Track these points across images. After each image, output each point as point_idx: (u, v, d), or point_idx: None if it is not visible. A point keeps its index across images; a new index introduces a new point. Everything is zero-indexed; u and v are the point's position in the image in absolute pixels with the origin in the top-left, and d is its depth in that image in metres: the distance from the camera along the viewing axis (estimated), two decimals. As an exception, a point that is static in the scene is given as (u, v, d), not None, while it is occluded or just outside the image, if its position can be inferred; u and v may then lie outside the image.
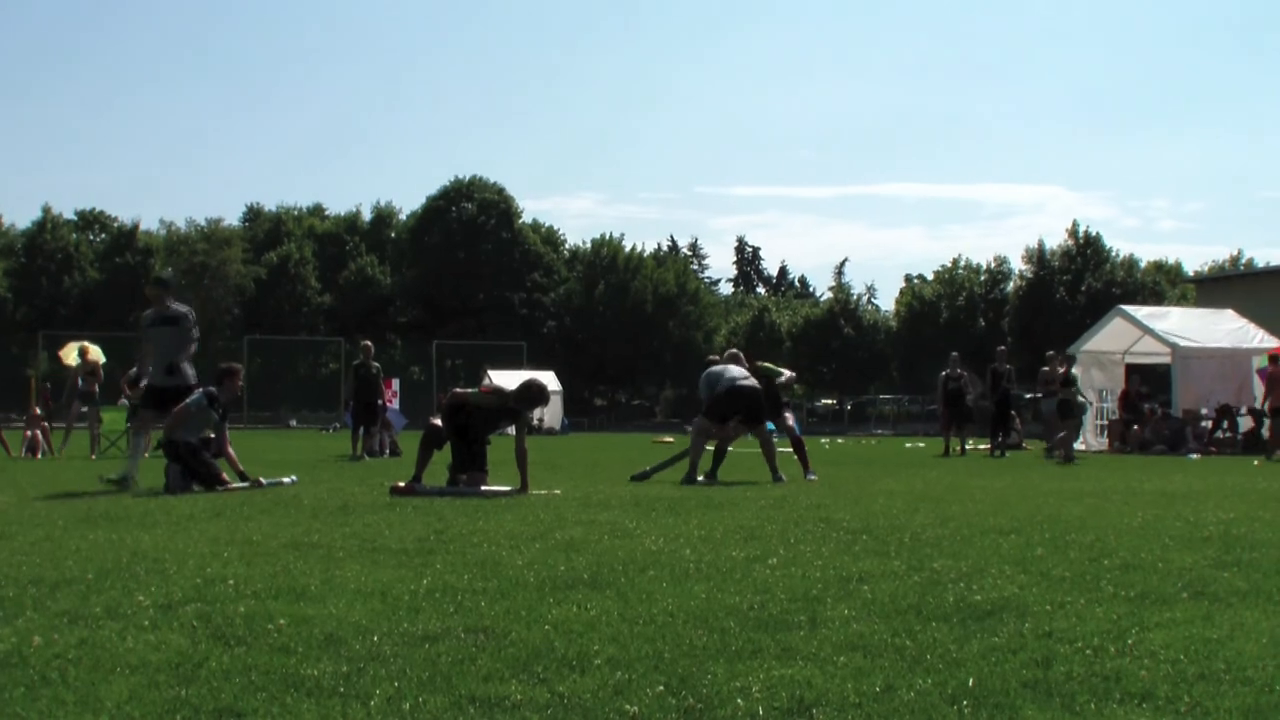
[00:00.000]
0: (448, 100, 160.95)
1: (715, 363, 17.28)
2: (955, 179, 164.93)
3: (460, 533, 9.26)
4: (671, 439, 41.08)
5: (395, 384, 55.00)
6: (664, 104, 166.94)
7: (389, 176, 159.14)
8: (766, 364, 18.15)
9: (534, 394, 14.55)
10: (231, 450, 15.34)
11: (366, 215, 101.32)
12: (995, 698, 4.25)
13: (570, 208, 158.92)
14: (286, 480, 15.28)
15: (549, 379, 58.34)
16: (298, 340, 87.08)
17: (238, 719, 4.03)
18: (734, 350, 18.20)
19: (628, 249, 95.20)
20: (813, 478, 16.51)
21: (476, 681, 4.49)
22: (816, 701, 4.19)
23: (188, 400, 14.95)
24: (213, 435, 15.12)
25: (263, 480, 14.92)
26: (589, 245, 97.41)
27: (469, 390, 15.03)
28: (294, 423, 71.66)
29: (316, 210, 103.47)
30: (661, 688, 4.38)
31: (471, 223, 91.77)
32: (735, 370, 16.70)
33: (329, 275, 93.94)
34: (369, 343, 27.71)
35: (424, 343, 79.20)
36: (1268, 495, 14.01)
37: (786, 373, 17.90)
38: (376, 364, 27.10)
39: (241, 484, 14.64)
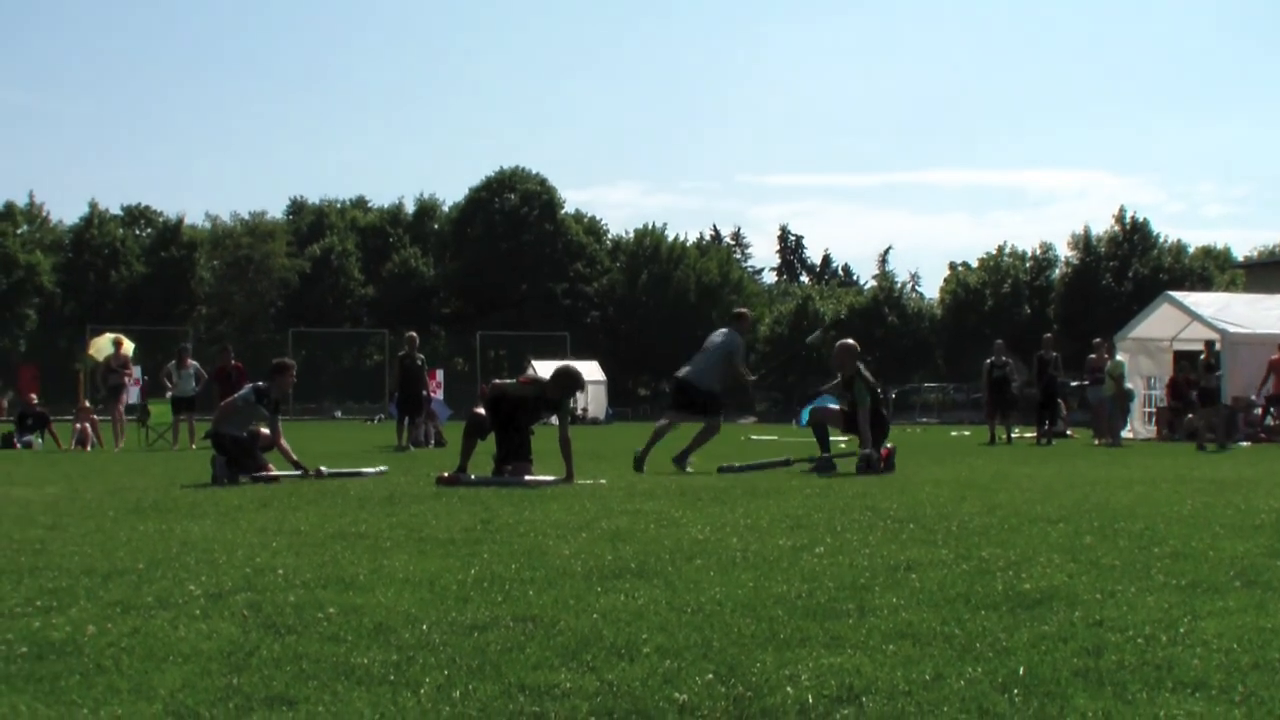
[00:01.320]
0: (490, 91, 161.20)
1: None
2: (999, 165, 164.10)
3: (507, 522, 9.29)
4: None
5: (439, 375, 55.19)
6: (704, 93, 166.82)
7: (432, 168, 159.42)
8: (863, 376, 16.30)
9: (567, 380, 14.53)
10: (285, 443, 15.48)
11: (409, 207, 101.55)
12: (1046, 686, 4.23)
13: (612, 198, 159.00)
14: (371, 471, 15.54)
15: (592, 369, 58.42)
16: (341, 332, 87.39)
17: (290, 707, 4.04)
18: (739, 310, 18.34)
19: (670, 239, 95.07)
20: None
21: (526, 670, 4.49)
22: (866, 690, 4.18)
23: (235, 395, 15.12)
24: (264, 429, 15.25)
25: (324, 469, 15.08)
26: (631, 235, 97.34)
27: (508, 381, 15.08)
28: (339, 414, 71.96)
29: (359, 202, 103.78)
30: (710, 676, 4.38)
31: (514, 213, 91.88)
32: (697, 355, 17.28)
33: (372, 267, 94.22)
34: (414, 334, 27.74)
35: (467, 334, 79.32)
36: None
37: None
38: (421, 355, 27.17)
39: (295, 472, 14.85)
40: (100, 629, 5.23)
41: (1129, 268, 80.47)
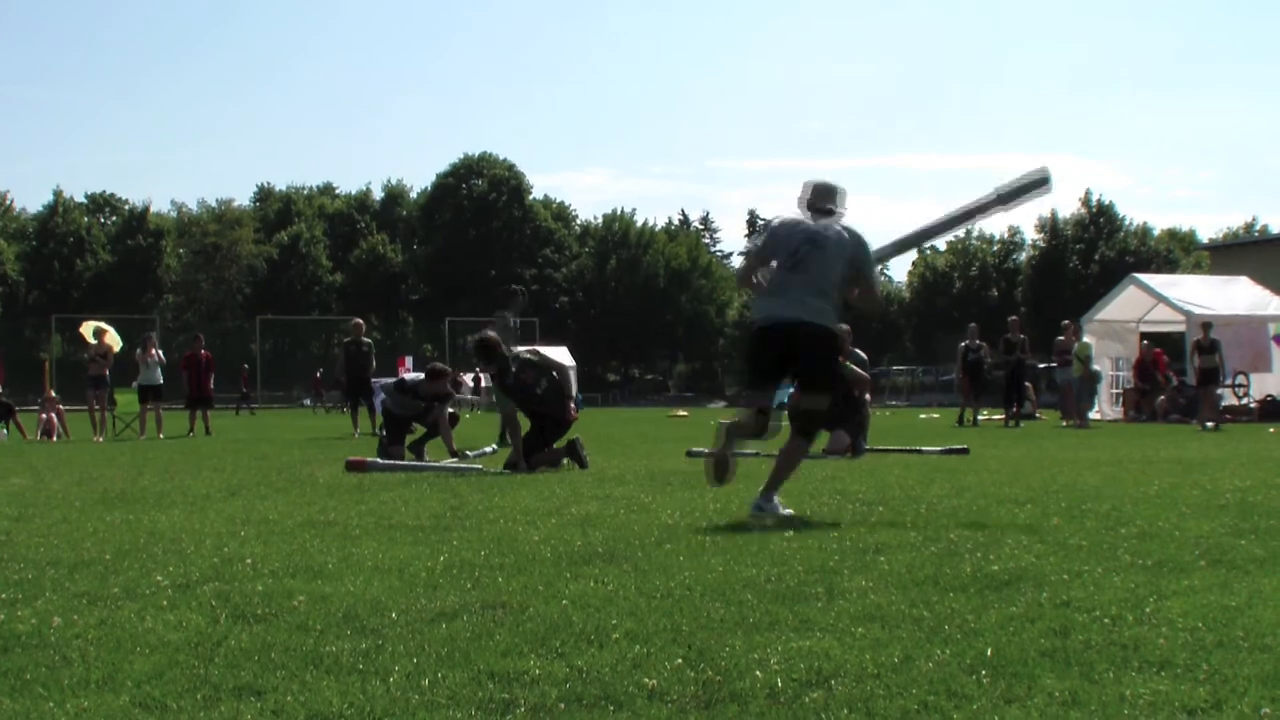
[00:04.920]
0: (457, 77, 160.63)
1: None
2: (967, 149, 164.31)
3: (476, 509, 9.28)
4: (686, 413, 41.04)
5: (409, 361, 55.08)
6: (672, 77, 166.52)
7: (399, 154, 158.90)
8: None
9: (475, 350, 14.52)
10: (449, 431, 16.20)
11: (377, 194, 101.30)
12: (1014, 667, 4.24)
13: (581, 183, 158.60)
14: (489, 450, 15.86)
15: (562, 354, 58.37)
16: (309, 320, 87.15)
17: (258, 697, 4.03)
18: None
19: (639, 224, 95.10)
20: None
21: (495, 656, 4.49)
22: (835, 673, 4.19)
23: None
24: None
25: (469, 453, 15.66)
26: (600, 221, 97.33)
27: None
28: (307, 402, 71.79)
29: (327, 189, 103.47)
30: (680, 660, 4.38)
31: (482, 200, 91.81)
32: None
33: (340, 254, 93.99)
34: (360, 320, 27.85)
35: (436, 320, 79.25)
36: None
37: None
38: (368, 340, 27.07)
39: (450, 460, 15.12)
40: (66, 620, 5.20)
41: (1095, 250, 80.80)
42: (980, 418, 30.27)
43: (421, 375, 17.35)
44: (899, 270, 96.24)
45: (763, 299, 9.06)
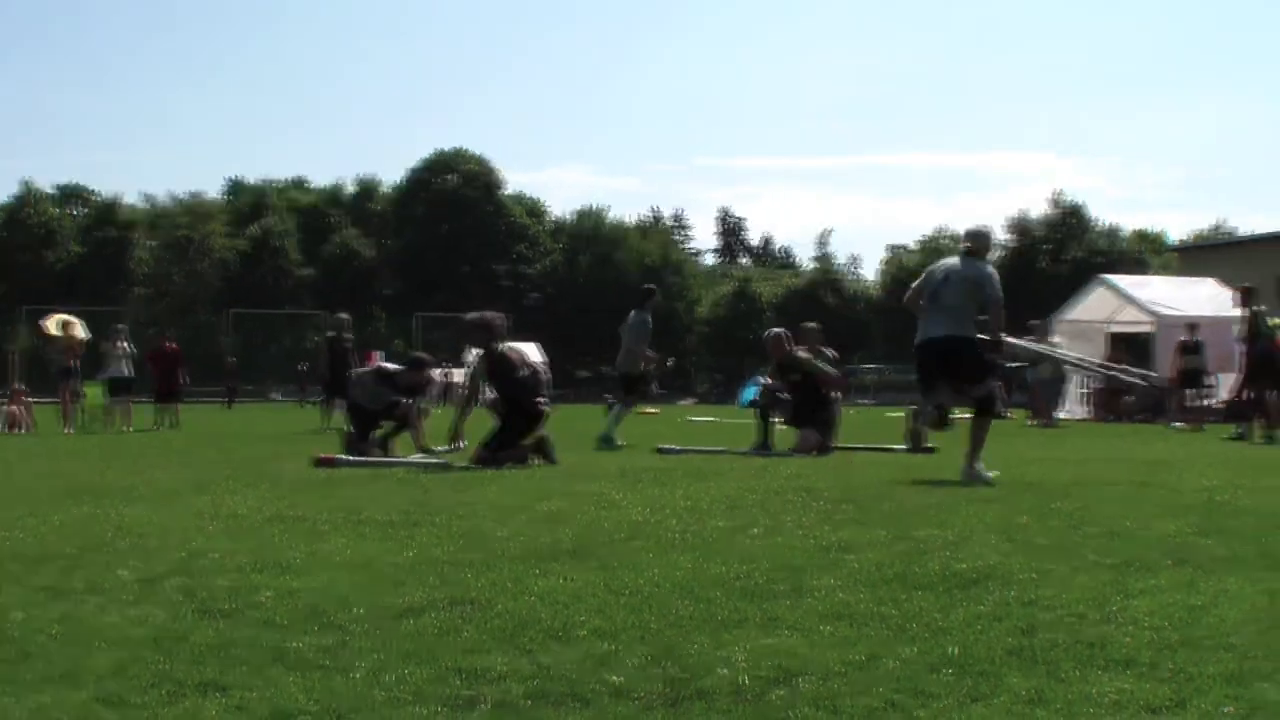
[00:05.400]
0: (430, 70, 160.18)
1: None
2: (941, 148, 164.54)
3: (444, 505, 9.25)
4: (656, 410, 41.05)
5: (378, 356, 54.89)
6: (646, 75, 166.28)
7: (372, 148, 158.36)
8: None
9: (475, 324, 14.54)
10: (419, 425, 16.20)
11: (349, 187, 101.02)
12: (979, 665, 4.26)
13: (554, 179, 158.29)
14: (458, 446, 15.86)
15: (533, 350, 58.32)
16: (281, 314, 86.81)
17: (221, 693, 4.02)
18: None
19: (611, 220, 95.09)
20: None
21: (460, 653, 4.49)
22: (801, 671, 4.19)
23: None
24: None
25: (437, 448, 15.36)
26: (573, 217, 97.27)
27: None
28: (278, 396, 71.48)
29: (299, 182, 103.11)
30: (646, 658, 4.39)
31: (455, 195, 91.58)
32: None
33: (312, 248, 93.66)
34: (346, 315, 27.55)
35: (408, 316, 79.04)
36: (1248, 462, 14.06)
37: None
38: (350, 336, 26.87)
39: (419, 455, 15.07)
40: (28, 615, 5.18)
41: (1065, 251, 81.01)
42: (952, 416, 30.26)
43: (399, 366, 17.26)
44: (869, 268, 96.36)
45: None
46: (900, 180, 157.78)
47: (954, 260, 12.44)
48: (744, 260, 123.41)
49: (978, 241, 12.49)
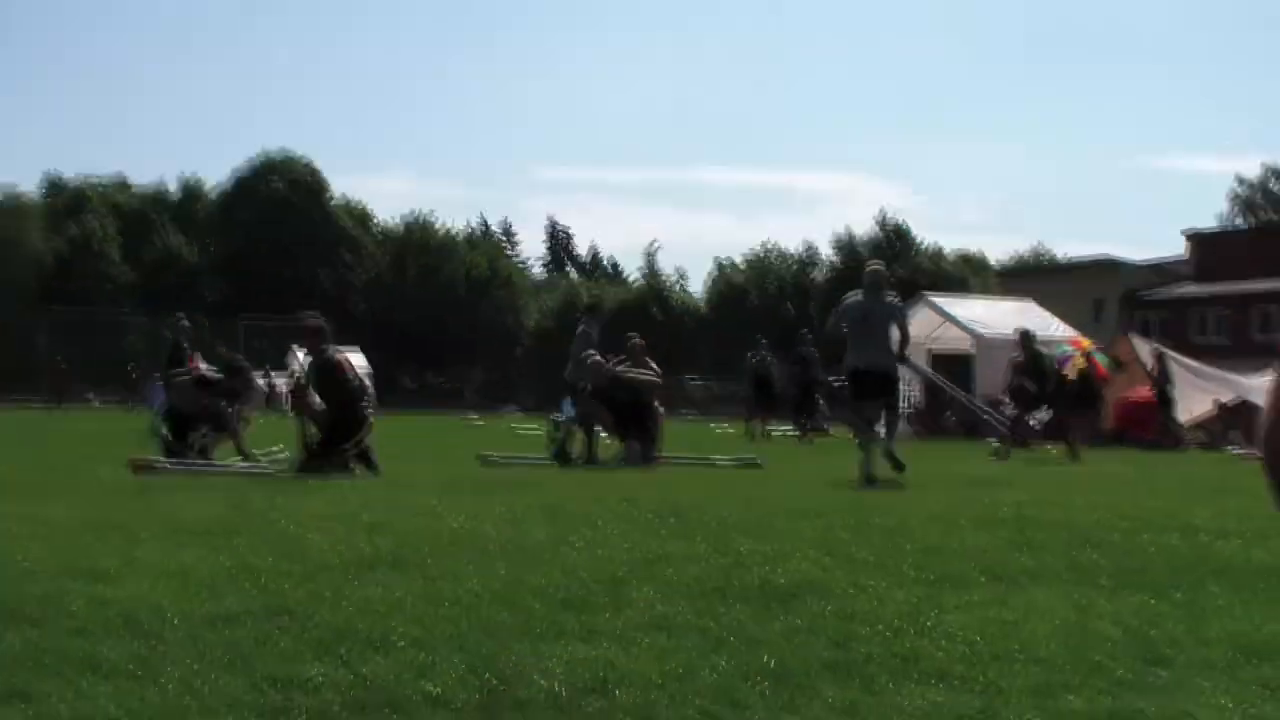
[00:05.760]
0: (257, 71, 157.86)
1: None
2: (766, 166, 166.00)
3: (264, 513, 9.13)
4: (481, 420, 40.94)
5: (199, 359, 53.85)
6: (475, 84, 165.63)
7: (196, 146, 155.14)
8: None
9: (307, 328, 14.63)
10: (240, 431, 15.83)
11: (172, 185, 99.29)
12: (796, 678, 4.30)
13: (382, 187, 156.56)
14: (277, 449, 15.58)
15: (358, 359, 57.77)
16: (100, 317, 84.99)
17: (26, 702, 3.92)
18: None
19: (440, 230, 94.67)
20: None
21: (277, 662, 4.43)
22: (619, 681, 4.20)
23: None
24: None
25: (259, 455, 15.35)
26: (400, 225, 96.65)
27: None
28: (93, 399, 69.97)
29: (119, 180, 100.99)
30: (464, 667, 4.37)
31: (281, 200, 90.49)
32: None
33: (134, 249, 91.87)
34: (183, 317, 27.18)
35: (232, 321, 77.89)
36: (1058, 479, 14.41)
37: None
38: (187, 343, 26.46)
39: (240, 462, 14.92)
40: None
41: (889, 270, 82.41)
42: (771, 430, 30.55)
43: (219, 372, 16.99)
44: (696, 282, 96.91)
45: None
46: (712, 197, 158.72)
47: (866, 296, 14.42)
48: (572, 272, 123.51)
49: (881, 278, 14.80)
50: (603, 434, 16.66)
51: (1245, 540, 7.88)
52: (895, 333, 14.74)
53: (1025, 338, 22.85)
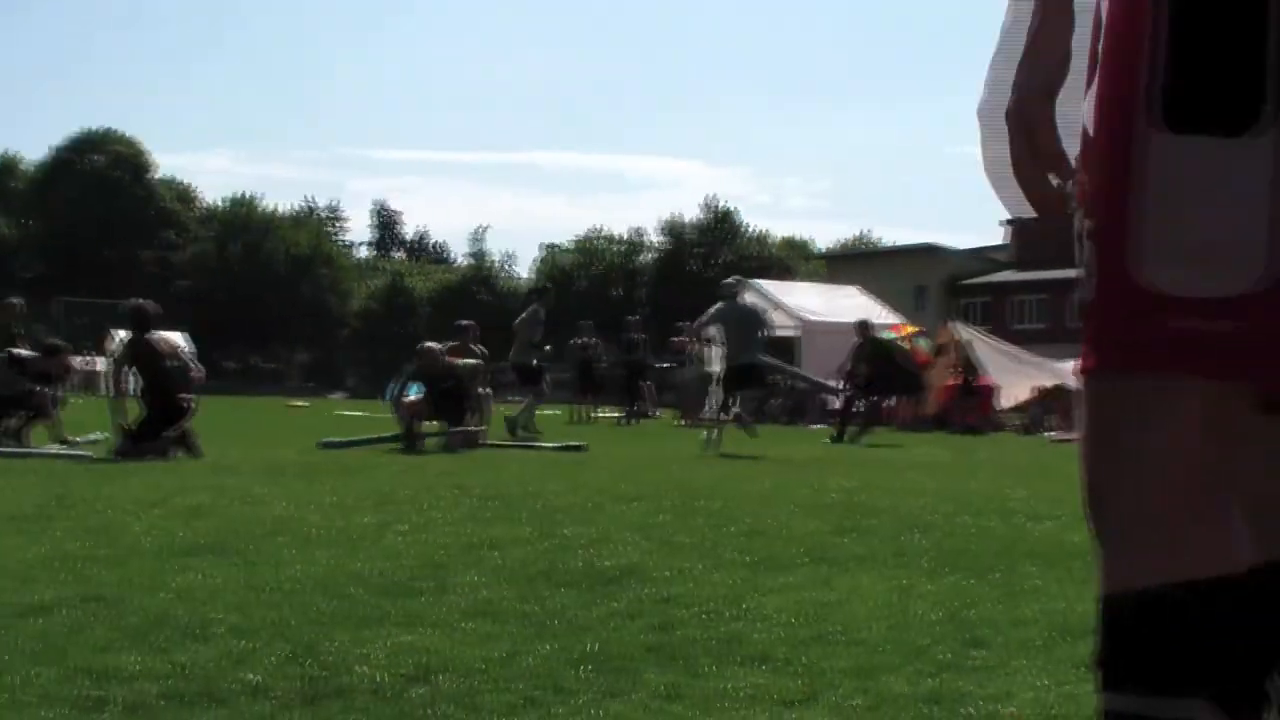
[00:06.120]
0: (78, 42, 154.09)
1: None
2: (598, 149, 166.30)
3: (83, 498, 8.95)
4: (305, 403, 40.50)
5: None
6: (307, 60, 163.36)
7: (12, 121, 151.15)
8: None
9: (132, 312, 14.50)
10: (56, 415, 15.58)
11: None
12: (618, 661, 4.32)
13: (207, 165, 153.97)
14: (96, 436, 15.10)
15: (180, 340, 56.77)
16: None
17: None
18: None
19: (265, 209, 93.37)
20: None
21: (91, 652, 4.34)
22: (441, 668, 4.19)
23: None
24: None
25: (76, 439, 15.06)
26: (225, 204, 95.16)
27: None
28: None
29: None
30: (284, 655, 4.33)
31: (102, 177, 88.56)
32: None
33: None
34: (14, 301, 26.41)
35: (49, 300, 76.08)
36: (886, 463, 14.65)
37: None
38: (20, 325, 25.73)
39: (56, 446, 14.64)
40: None
41: (716, 255, 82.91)
42: (597, 415, 30.67)
43: (33, 352, 16.59)
44: (523, 265, 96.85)
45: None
46: (545, 179, 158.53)
47: (732, 301, 18.72)
48: (398, 254, 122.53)
49: (741, 286, 19.15)
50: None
51: (1059, 523, 8.07)
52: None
53: (863, 327, 24.04)
